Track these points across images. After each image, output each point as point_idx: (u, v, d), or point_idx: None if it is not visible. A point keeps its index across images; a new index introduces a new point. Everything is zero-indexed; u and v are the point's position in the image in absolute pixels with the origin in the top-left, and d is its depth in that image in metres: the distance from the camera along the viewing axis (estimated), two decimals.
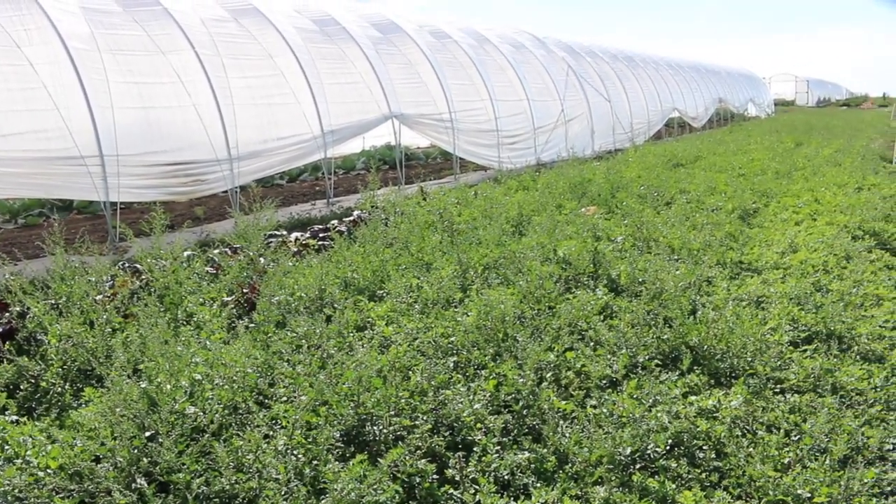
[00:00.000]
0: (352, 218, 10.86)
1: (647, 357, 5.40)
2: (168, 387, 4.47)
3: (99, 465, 3.85)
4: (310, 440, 4.13)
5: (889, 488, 4.14)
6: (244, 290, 7.07)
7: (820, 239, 9.17)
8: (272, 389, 4.87)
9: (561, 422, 4.52)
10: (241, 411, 4.56)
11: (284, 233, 10.01)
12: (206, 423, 4.23)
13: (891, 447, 4.55)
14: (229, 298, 6.91)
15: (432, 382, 4.83)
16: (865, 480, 4.03)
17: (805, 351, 5.79)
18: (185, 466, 3.83)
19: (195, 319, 6.15)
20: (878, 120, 42.91)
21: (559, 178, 13.55)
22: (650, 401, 4.75)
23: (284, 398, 4.67)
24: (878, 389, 5.22)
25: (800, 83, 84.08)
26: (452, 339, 5.62)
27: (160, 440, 3.94)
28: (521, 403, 4.68)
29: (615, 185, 12.80)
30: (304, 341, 5.61)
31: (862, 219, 10.27)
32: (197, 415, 4.29)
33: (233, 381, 4.72)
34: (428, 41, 18.05)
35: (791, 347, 5.85)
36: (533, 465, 4.12)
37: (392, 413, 4.47)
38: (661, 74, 32.91)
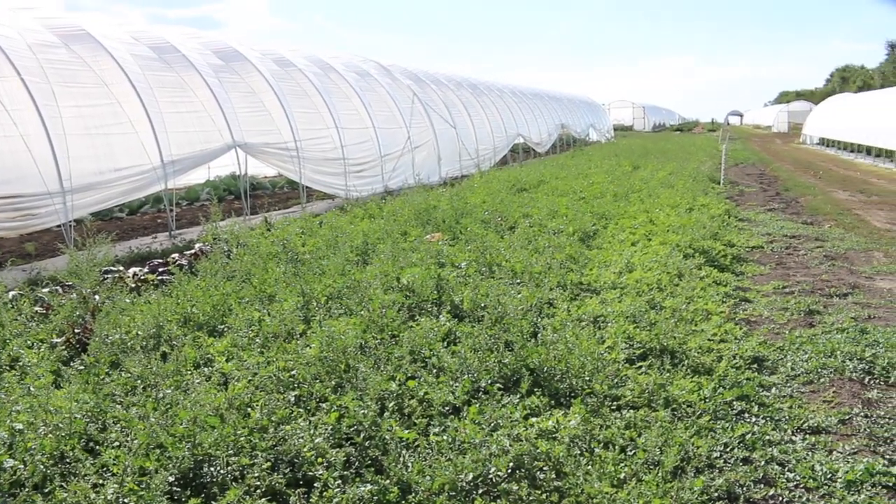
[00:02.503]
0: (193, 251, 10.56)
1: (489, 381, 5.47)
2: None
3: None
4: (142, 486, 3.96)
5: (716, 494, 4.34)
6: (76, 331, 6.73)
7: (654, 258, 9.58)
8: (103, 435, 4.64)
9: (404, 451, 4.50)
10: (68, 460, 4.32)
11: (122, 268, 9.62)
12: (27, 475, 3.98)
13: (718, 455, 4.79)
14: (59, 340, 6.58)
15: (272, 418, 4.73)
16: (695, 489, 4.23)
17: (640, 367, 6.02)
18: None
19: (20, 364, 5.80)
20: (708, 144, 45.44)
21: (405, 206, 13.62)
22: (492, 425, 4.81)
23: (116, 443, 4.46)
24: (707, 400, 5.49)
25: (637, 109, 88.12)
26: (294, 372, 5.53)
27: None
28: (362, 435, 4.64)
29: (460, 211, 12.98)
30: (139, 382, 5.40)
31: (692, 238, 10.82)
32: (16, 468, 4.03)
33: (59, 428, 4.48)
34: (272, 69, 17.84)
35: (627, 365, 6.07)
36: (376, 498, 4.08)
37: (230, 452, 4.35)
38: (506, 102, 33.74)
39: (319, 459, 4.35)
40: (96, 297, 7.68)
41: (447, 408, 5.16)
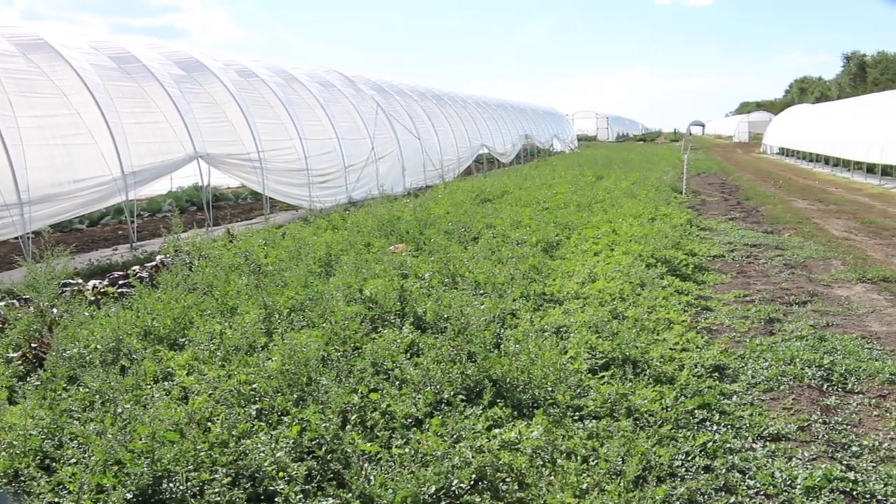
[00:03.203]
0: (155, 263, 10.44)
1: (452, 393, 5.44)
2: None
3: None
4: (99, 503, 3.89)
5: (678, 503, 4.36)
6: (33, 345, 6.62)
7: (617, 268, 9.63)
8: (60, 452, 4.56)
9: (366, 464, 4.46)
10: (22, 478, 4.24)
11: (81, 281, 9.48)
12: None
13: (679, 463, 4.81)
14: (15, 354, 6.46)
15: (233, 433, 4.67)
16: (657, 498, 4.24)
17: (602, 377, 6.03)
18: None
19: None
20: (671, 153, 45.93)
21: (369, 217, 13.59)
22: (454, 437, 4.79)
23: (73, 460, 4.39)
24: (669, 409, 5.51)
25: (600, 120, 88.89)
26: (255, 385, 5.47)
27: None
28: (324, 448, 4.59)
29: (424, 221, 12.97)
30: (97, 397, 5.31)
31: (654, 247, 10.90)
32: None
33: (13, 445, 4.39)
34: (234, 79, 17.75)
35: (590, 375, 6.07)
36: None
37: (190, 468, 4.28)
38: (470, 112, 33.84)
39: (280, 474, 4.30)
40: (54, 310, 7.56)
41: (410, 420, 5.13)
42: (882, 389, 6.16)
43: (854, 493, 4.49)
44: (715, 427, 5.39)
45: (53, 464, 4.47)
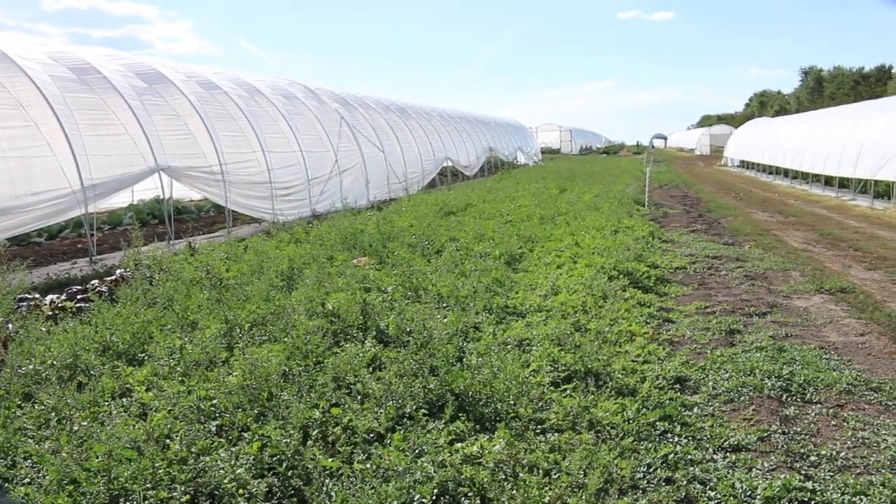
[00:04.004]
0: (114, 277, 10.30)
1: (414, 407, 5.42)
2: None
3: None
4: None
5: None
6: None
7: (579, 280, 9.66)
8: (13, 472, 4.47)
9: (327, 480, 4.42)
10: None
11: (38, 295, 9.32)
12: None
13: (641, 475, 4.82)
14: None
15: (192, 449, 4.61)
16: None
17: (565, 390, 6.04)
18: None
19: None
20: (633, 166, 46.35)
21: (332, 230, 13.53)
22: (416, 451, 4.77)
23: (27, 480, 4.30)
24: (631, 421, 5.54)
25: (564, 132, 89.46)
26: (215, 401, 5.41)
27: None
28: (285, 464, 4.56)
29: (387, 235, 12.93)
30: (52, 415, 5.22)
31: (617, 260, 10.97)
32: None
33: None
34: (196, 92, 17.62)
35: (552, 388, 6.08)
36: None
37: (148, 486, 4.22)
38: (434, 125, 33.88)
39: (241, 491, 4.25)
40: (9, 325, 7.43)
41: (371, 435, 5.09)
42: (839, 399, 6.24)
43: (812, 502, 4.54)
44: (676, 439, 5.42)
45: (6, 484, 4.38)
